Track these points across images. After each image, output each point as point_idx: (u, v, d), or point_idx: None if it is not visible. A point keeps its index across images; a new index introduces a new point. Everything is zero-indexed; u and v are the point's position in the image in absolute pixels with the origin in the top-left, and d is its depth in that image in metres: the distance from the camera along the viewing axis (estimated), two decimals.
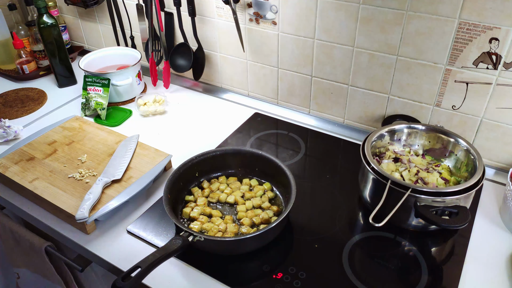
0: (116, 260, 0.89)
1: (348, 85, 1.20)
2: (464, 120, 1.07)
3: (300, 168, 1.14)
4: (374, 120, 1.22)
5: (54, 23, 1.41)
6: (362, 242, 0.92)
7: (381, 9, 1.03)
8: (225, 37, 1.34)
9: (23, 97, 1.47)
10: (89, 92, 1.35)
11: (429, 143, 1.04)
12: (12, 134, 1.23)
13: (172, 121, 1.34)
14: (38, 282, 1.20)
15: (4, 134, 1.22)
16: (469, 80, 1.01)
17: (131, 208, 1.01)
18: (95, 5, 1.54)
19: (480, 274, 0.85)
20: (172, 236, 0.93)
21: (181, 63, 1.44)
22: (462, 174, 0.97)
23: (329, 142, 1.24)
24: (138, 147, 1.13)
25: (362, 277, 0.83)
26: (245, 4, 1.23)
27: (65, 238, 0.96)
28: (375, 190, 0.93)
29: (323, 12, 1.11)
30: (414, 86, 1.09)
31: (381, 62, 1.11)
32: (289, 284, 0.82)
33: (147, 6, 1.36)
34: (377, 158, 1.03)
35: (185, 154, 1.10)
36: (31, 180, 1.03)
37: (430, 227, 0.91)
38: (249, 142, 1.23)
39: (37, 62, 1.60)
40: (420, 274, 0.84)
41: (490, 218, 0.97)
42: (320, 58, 1.20)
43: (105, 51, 1.49)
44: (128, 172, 1.05)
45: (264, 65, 1.32)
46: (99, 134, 1.20)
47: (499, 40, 0.93)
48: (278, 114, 1.36)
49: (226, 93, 1.46)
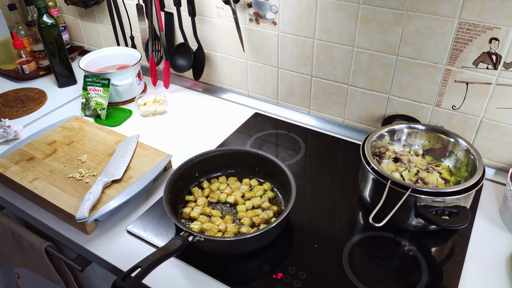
0: (116, 260, 0.89)
1: (348, 85, 1.20)
2: (464, 120, 1.07)
3: (300, 168, 1.14)
4: (374, 120, 1.22)
5: (54, 23, 1.41)
6: (362, 242, 0.92)
7: (381, 9, 1.03)
8: (225, 37, 1.34)
9: (23, 97, 1.47)
10: (89, 92, 1.35)
11: (429, 143, 1.04)
12: (12, 134, 1.23)
13: (172, 121, 1.34)
14: (38, 282, 1.20)
15: (4, 134, 1.22)
16: (469, 80, 1.01)
17: (131, 208, 1.01)
18: (95, 5, 1.54)
19: (480, 274, 0.85)
20: (172, 236, 0.93)
21: (181, 63, 1.44)
22: (462, 174, 0.97)
23: (329, 142, 1.24)
24: (138, 147, 1.13)
25: (362, 277, 0.83)
26: (245, 4, 1.23)
27: (65, 238, 0.96)
28: (375, 190, 0.93)
29: (323, 12, 1.11)
30: (414, 86, 1.09)
31: (381, 62, 1.11)
32: (289, 284, 0.82)
33: (147, 6, 1.36)
34: (377, 158, 1.03)
35: (185, 154, 1.10)
36: (31, 180, 1.03)
37: (430, 227, 0.91)
38: (249, 142, 1.23)
39: (37, 62, 1.60)
40: (420, 274, 0.84)
41: (490, 218, 0.97)
42: (320, 58, 1.20)
43: (105, 51, 1.49)
44: (128, 172, 1.05)
45: (264, 65, 1.32)
46: (99, 134, 1.20)
47: (499, 40, 0.93)
48: (278, 114, 1.36)
49: (226, 93, 1.46)
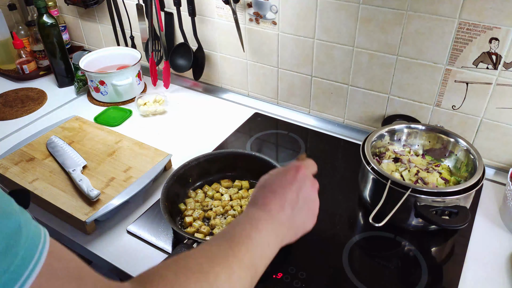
0: (116, 260, 0.89)
1: (348, 85, 1.20)
2: (464, 120, 1.07)
3: None
4: (374, 120, 1.22)
5: (54, 23, 1.41)
6: (362, 242, 0.92)
7: (381, 9, 1.03)
8: (225, 37, 1.34)
9: (23, 97, 1.47)
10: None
11: (429, 143, 1.04)
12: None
13: (172, 121, 1.34)
14: None
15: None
16: (469, 80, 1.01)
17: (131, 208, 1.01)
18: (95, 5, 1.54)
19: (480, 274, 0.85)
20: (172, 236, 0.93)
21: (181, 63, 1.44)
22: (462, 174, 0.97)
23: (329, 142, 1.24)
24: (138, 147, 1.13)
25: (362, 277, 0.83)
26: (245, 4, 1.23)
27: (65, 238, 0.96)
28: (375, 190, 0.93)
29: (323, 12, 1.11)
30: (414, 86, 1.09)
31: (381, 62, 1.11)
32: (289, 284, 0.82)
33: (147, 6, 1.36)
34: (377, 158, 1.03)
35: (185, 154, 1.10)
36: (31, 180, 1.03)
37: (430, 227, 0.91)
38: (249, 142, 1.23)
39: (37, 62, 1.60)
40: (420, 274, 0.84)
41: (490, 218, 0.97)
42: (320, 58, 1.20)
43: (105, 51, 1.49)
44: (128, 172, 1.05)
45: (264, 65, 1.32)
46: (99, 134, 1.20)
47: (499, 40, 0.93)
48: (278, 114, 1.36)
49: (226, 93, 1.46)
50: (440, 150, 1.03)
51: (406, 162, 0.99)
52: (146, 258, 0.89)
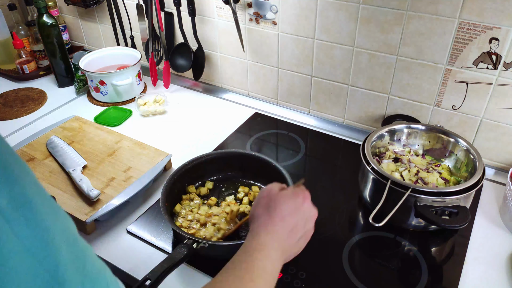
0: (116, 260, 0.89)
1: (348, 85, 1.20)
2: (464, 120, 1.07)
3: (300, 168, 1.14)
4: (374, 120, 1.22)
5: (54, 23, 1.41)
6: (362, 242, 0.92)
7: (381, 9, 1.03)
8: (225, 37, 1.34)
9: (23, 97, 1.47)
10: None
11: (429, 143, 1.04)
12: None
13: (172, 121, 1.34)
14: None
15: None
16: (469, 80, 1.01)
17: (131, 208, 1.01)
18: (95, 5, 1.54)
19: (480, 274, 0.85)
20: (172, 236, 0.93)
21: (181, 63, 1.44)
22: (462, 174, 0.97)
23: (329, 142, 1.24)
24: (138, 147, 1.13)
25: (362, 277, 0.83)
26: (245, 4, 1.23)
27: None
28: (375, 190, 0.93)
29: (323, 12, 1.11)
30: (414, 86, 1.09)
31: (381, 62, 1.11)
32: (289, 284, 0.82)
33: (147, 6, 1.36)
34: (377, 158, 1.03)
35: (185, 154, 1.10)
36: None
37: (430, 227, 0.91)
38: (249, 142, 1.23)
39: (37, 62, 1.60)
40: (420, 274, 0.84)
41: (490, 218, 0.97)
42: (320, 58, 1.20)
43: (105, 51, 1.49)
44: (128, 172, 1.05)
45: (264, 65, 1.32)
46: (99, 134, 1.20)
47: (499, 40, 0.93)
48: (278, 114, 1.36)
49: (226, 93, 1.46)
50: (440, 150, 1.03)
51: (406, 162, 0.99)
52: (146, 258, 0.89)
